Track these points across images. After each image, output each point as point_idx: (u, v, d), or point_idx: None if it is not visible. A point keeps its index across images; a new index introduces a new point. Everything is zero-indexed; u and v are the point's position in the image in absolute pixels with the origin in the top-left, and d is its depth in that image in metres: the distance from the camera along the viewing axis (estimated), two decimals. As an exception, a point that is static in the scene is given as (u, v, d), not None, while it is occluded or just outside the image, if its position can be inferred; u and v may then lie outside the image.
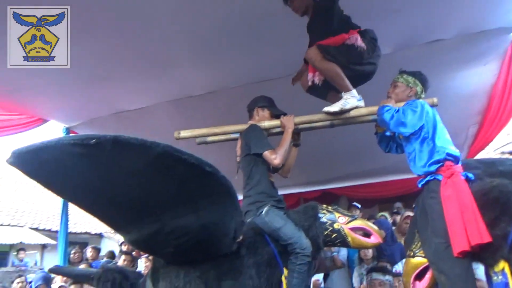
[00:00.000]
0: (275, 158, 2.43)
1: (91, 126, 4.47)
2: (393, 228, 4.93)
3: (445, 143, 2.31)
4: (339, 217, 2.50)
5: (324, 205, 2.61)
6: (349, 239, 2.48)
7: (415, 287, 2.40)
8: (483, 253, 2.04)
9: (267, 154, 2.45)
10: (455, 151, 2.30)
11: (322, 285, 4.20)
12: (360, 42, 2.50)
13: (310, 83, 2.74)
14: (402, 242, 3.68)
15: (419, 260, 2.35)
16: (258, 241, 2.39)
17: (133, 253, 5.01)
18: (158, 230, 1.91)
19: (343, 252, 4.42)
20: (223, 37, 3.23)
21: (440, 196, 2.16)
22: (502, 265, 2.00)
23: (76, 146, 1.47)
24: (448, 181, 2.16)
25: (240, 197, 2.48)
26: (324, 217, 2.50)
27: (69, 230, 4.49)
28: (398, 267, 3.81)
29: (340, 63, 2.53)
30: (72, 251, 5.50)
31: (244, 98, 2.93)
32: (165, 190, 1.75)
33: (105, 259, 5.59)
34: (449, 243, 2.05)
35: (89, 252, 5.72)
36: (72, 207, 4.42)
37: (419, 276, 2.39)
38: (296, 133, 2.78)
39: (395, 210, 5.84)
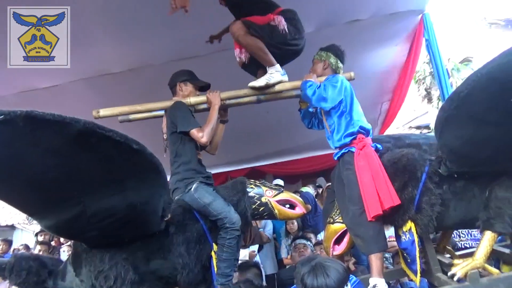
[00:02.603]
0: (202, 136, 2.42)
1: (-8, 106, 4.00)
2: (316, 200, 5.25)
3: (359, 116, 2.48)
4: (266, 190, 2.57)
5: (252, 180, 2.67)
6: (276, 211, 2.56)
7: (335, 251, 2.61)
8: (394, 216, 2.27)
9: (194, 132, 2.43)
10: (367, 124, 2.49)
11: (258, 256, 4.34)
12: (283, 24, 2.54)
13: (237, 59, 2.73)
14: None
15: (338, 225, 2.55)
16: (187, 218, 2.37)
17: (52, 242, 4.67)
18: (79, 213, 1.78)
19: (269, 228, 4.60)
20: (143, 12, 3.07)
21: (355, 166, 2.33)
22: (409, 225, 2.24)
23: None
24: (360, 152, 2.34)
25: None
26: (252, 191, 2.55)
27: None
28: (321, 237, 4.08)
29: (264, 40, 2.55)
30: (-19, 245, 4.98)
31: (167, 76, 2.83)
32: (87, 170, 1.64)
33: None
34: (364, 209, 2.23)
35: (-2, 245, 5.21)
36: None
37: (338, 241, 2.58)
38: (223, 109, 2.77)
39: (317, 184, 6.17)
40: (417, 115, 9.20)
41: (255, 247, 4.32)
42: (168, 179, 2.38)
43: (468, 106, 1.73)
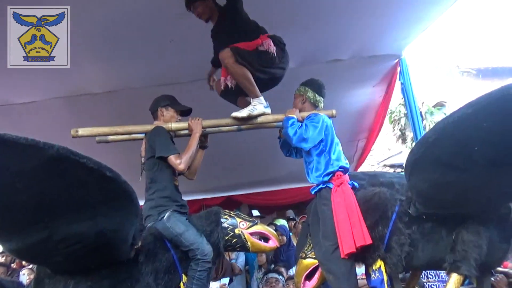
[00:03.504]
0: (180, 163, 2.40)
1: (-33, 118, 3.89)
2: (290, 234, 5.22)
3: (339, 156, 2.55)
4: (240, 222, 2.56)
5: (227, 210, 2.65)
6: (249, 243, 2.55)
7: (305, 286, 2.59)
8: (364, 254, 2.30)
9: (172, 158, 2.41)
10: (346, 163, 2.56)
11: (228, 288, 4.25)
12: (272, 48, 2.60)
13: (222, 87, 2.77)
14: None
15: (310, 261, 2.55)
16: (158, 247, 2.33)
17: (13, 264, 4.44)
18: (45, 238, 1.72)
19: (241, 259, 4.54)
20: (127, 35, 3.11)
21: (332, 202, 2.36)
22: (379, 263, 2.28)
23: None
24: (338, 189, 2.40)
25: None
26: (226, 222, 2.54)
27: None
28: (293, 271, 4.05)
29: (252, 66, 2.59)
30: None
31: (148, 100, 2.83)
32: (58, 195, 1.60)
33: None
34: (337, 246, 2.26)
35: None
36: None
37: (309, 276, 2.58)
38: (203, 135, 2.78)
39: (291, 217, 6.17)
40: (392, 154, 9.45)
41: (226, 280, 4.24)
42: (142, 204, 2.36)
43: (435, 151, 1.81)
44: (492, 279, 2.65)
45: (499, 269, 2.89)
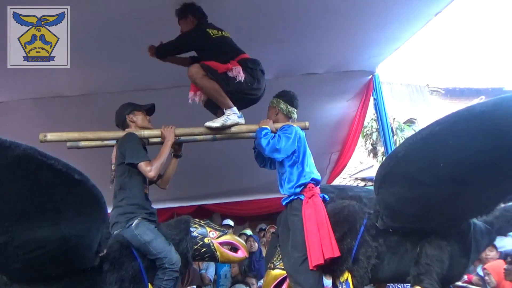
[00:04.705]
0: (150, 170, 2.36)
1: None
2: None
3: (311, 168, 2.58)
4: (210, 231, 2.55)
5: (197, 219, 2.63)
6: (218, 253, 2.54)
7: (274, 298, 2.58)
8: (333, 266, 2.32)
9: (142, 165, 2.37)
10: (318, 175, 2.59)
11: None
12: (241, 76, 2.59)
13: (190, 101, 2.75)
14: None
15: (279, 272, 2.56)
16: (124, 255, 2.26)
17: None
18: (4, 243, 1.64)
19: (211, 270, 4.49)
20: (102, 38, 3.06)
21: (302, 214, 2.38)
22: (346, 275, 2.30)
23: None
24: (309, 201, 2.42)
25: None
26: (196, 231, 2.52)
27: None
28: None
29: (219, 85, 2.59)
30: None
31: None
32: (22, 197, 1.54)
33: None
34: (306, 257, 2.27)
35: None
36: None
37: (277, 287, 2.57)
38: (177, 144, 2.75)
39: (263, 227, 6.17)
40: (363, 167, 9.65)
41: (193, 290, 4.18)
42: (110, 211, 2.30)
43: (403, 166, 1.87)
44: (453, 292, 2.72)
45: (458, 283, 2.98)
